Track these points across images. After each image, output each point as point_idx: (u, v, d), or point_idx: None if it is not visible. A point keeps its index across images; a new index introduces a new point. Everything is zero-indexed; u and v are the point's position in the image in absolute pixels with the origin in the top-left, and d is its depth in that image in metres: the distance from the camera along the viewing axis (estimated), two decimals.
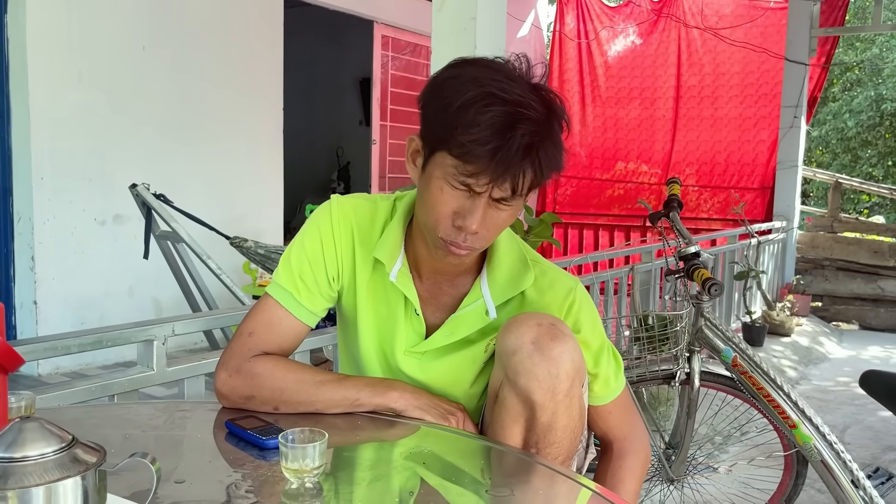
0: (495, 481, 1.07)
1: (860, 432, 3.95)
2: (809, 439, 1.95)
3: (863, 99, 13.84)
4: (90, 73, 4.26)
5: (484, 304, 1.19)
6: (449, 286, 1.23)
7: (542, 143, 1.06)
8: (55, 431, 0.74)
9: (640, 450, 1.30)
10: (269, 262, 3.54)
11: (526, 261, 1.22)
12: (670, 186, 2.27)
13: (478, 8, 2.53)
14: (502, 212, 1.10)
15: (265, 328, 1.20)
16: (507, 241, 1.23)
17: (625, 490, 1.25)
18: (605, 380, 1.25)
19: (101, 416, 1.23)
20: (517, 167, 1.04)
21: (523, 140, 1.03)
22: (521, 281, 1.20)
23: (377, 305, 1.23)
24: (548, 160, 1.07)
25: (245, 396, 1.17)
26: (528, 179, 1.06)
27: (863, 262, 6.99)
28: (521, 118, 1.04)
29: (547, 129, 1.07)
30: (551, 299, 1.21)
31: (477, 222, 1.07)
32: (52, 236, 4.11)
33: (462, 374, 1.24)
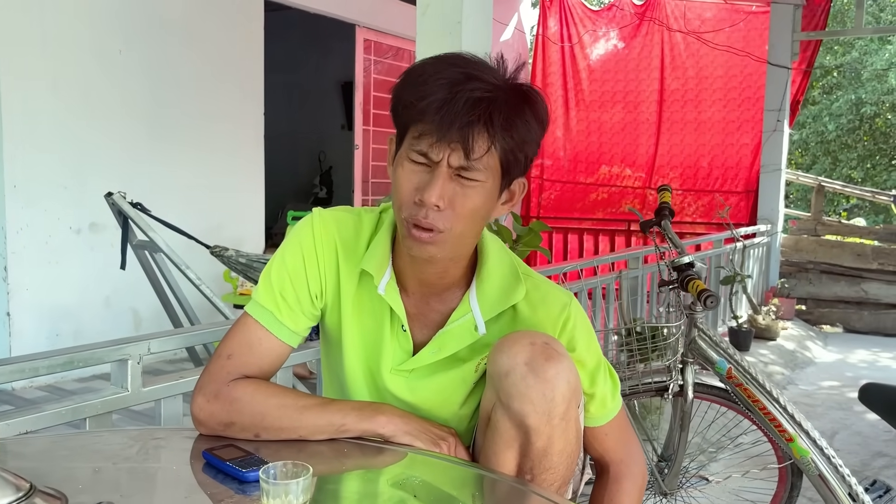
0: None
1: (848, 438, 3.93)
2: (807, 453, 1.91)
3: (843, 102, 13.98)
4: (64, 77, 4.15)
5: (473, 320, 1.14)
6: (437, 301, 1.17)
7: (496, 101, 1.02)
8: (10, 480, 0.67)
9: (637, 473, 1.26)
10: (250, 272, 3.45)
11: (517, 274, 1.17)
12: (662, 194, 2.23)
13: (463, 11, 2.48)
14: (467, 189, 1.04)
15: (245, 350, 1.14)
16: (496, 254, 1.18)
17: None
18: (602, 400, 1.20)
19: (70, 447, 1.15)
20: (464, 120, 1.00)
21: (473, 94, 1.00)
22: (511, 295, 1.15)
23: (363, 321, 1.18)
24: (504, 120, 1.02)
25: (224, 423, 1.10)
26: (481, 140, 1.01)
27: (846, 264, 7.02)
28: (474, 77, 1.02)
29: (505, 96, 1.03)
30: (545, 315, 1.15)
31: (436, 194, 1.02)
32: (26, 245, 4.00)
33: (452, 395, 1.19)
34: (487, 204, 1.08)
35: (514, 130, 1.04)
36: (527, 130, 1.06)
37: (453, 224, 1.05)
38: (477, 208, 1.06)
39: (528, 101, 1.07)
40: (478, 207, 1.06)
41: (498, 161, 1.05)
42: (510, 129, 1.03)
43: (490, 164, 1.05)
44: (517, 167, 1.09)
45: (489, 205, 1.09)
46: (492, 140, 1.03)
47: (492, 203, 1.09)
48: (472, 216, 1.06)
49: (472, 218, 1.07)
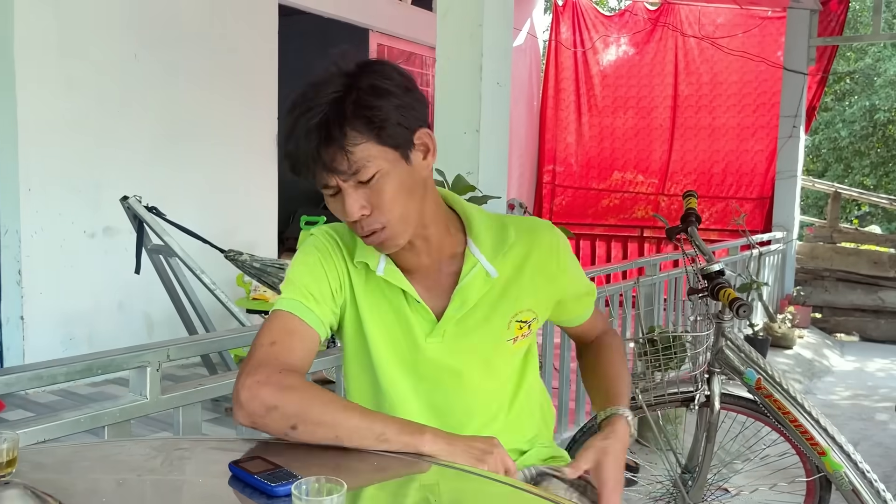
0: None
1: (870, 449, 3.86)
2: (840, 467, 1.86)
3: (856, 109, 13.88)
4: (80, 81, 4.14)
5: (482, 267, 1.20)
6: (443, 268, 1.23)
7: (326, 115, 1.06)
8: (39, 496, 0.63)
9: (614, 334, 1.47)
10: (264, 276, 3.43)
11: (500, 220, 1.26)
12: (687, 200, 2.18)
13: (485, 14, 2.45)
14: (373, 186, 1.09)
15: (286, 336, 1.15)
16: (477, 212, 1.26)
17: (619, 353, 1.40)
18: (588, 299, 1.39)
19: (91, 457, 1.11)
20: (312, 153, 1.06)
21: (305, 129, 1.06)
22: (504, 235, 1.23)
23: (381, 309, 1.22)
24: (340, 123, 1.06)
25: (267, 406, 1.07)
26: (335, 153, 1.06)
27: (863, 272, 6.94)
28: (303, 111, 1.07)
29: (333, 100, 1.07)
30: (542, 240, 1.26)
31: (353, 211, 1.09)
32: (40, 249, 3.99)
33: (491, 356, 1.24)
34: (402, 179, 1.11)
35: (366, 119, 1.06)
36: (381, 108, 1.07)
37: (386, 217, 1.11)
38: (395, 191, 1.10)
39: (362, 82, 1.08)
40: (395, 190, 1.10)
41: (376, 145, 1.07)
42: (361, 121, 1.06)
43: (370, 154, 1.07)
44: (398, 135, 1.09)
45: (405, 177, 1.11)
46: (343, 143, 1.06)
47: (406, 174, 1.11)
48: (396, 199, 1.10)
49: (398, 199, 1.11)
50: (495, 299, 1.22)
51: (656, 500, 2.44)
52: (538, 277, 1.24)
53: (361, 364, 1.26)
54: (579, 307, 1.38)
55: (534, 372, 1.34)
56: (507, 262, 1.23)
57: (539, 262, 1.24)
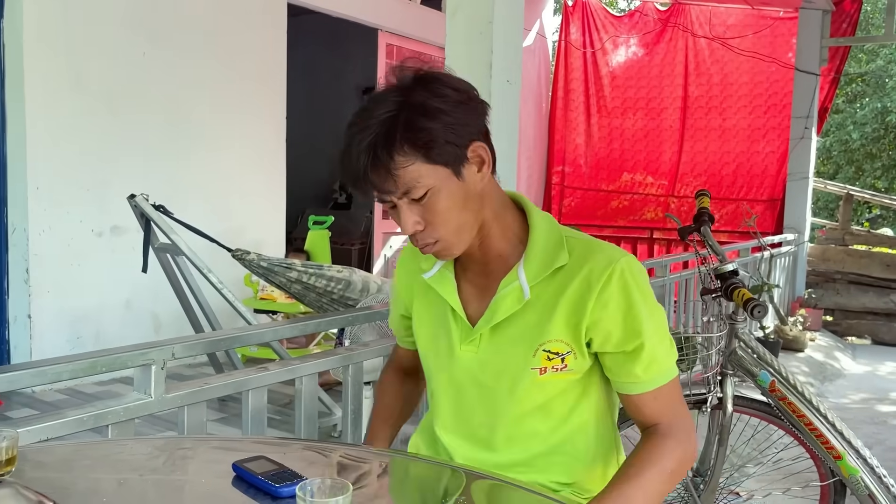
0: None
1: (883, 453, 3.80)
2: (856, 472, 1.82)
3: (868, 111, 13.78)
4: (88, 79, 4.14)
5: (519, 286, 1.18)
6: (490, 279, 1.23)
7: (375, 141, 1.07)
8: (32, 498, 0.61)
9: (683, 437, 1.16)
10: (272, 275, 3.41)
11: (562, 241, 1.20)
12: (700, 199, 2.15)
13: (494, 12, 2.42)
14: (425, 203, 1.10)
15: (394, 347, 1.51)
16: (544, 226, 1.21)
17: (654, 467, 1.11)
18: (650, 362, 1.14)
19: (93, 456, 1.10)
20: (364, 173, 1.08)
21: (356, 150, 1.08)
22: (554, 260, 1.18)
23: (430, 311, 1.29)
24: (388, 146, 1.06)
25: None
26: (384, 173, 1.07)
27: (875, 275, 6.87)
28: (354, 135, 1.09)
29: (382, 122, 1.07)
30: (591, 267, 1.15)
31: (408, 226, 1.12)
32: (48, 248, 3.98)
33: (516, 379, 1.19)
34: (455, 194, 1.11)
35: (412, 141, 1.06)
36: (427, 129, 1.07)
37: (439, 231, 1.13)
38: (447, 207, 1.11)
39: (411, 102, 1.08)
40: (448, 206, 1.11)
41: (425, 164, 1.08)
42: (407, 143, 1.06)
43: (420, 174, 1.08)
44: (448, 152, 1.09)
45: (458, 193, 1.12)
46: (390, 166, 1.07)
47: (459, 188, 1.11)
48: (448, 215, 1.12)
49: (450, 215, 1.12)
50: (526, 322, 1.18)
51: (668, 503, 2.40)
52: (573, 306, 1.15)
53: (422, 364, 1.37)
54: (623, 366, 1.16)
55: (597, 418, 1.23)
56: (547, 286, 1.17)
57: (579, 289, 1.15)
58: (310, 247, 5.03)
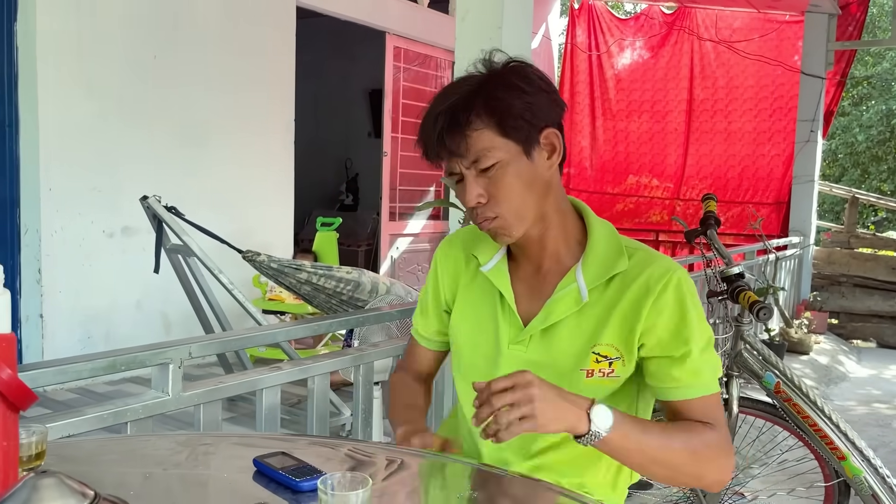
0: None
1: (887, 455, 3.83)
2: (860, 472, 1.85)
3: (873, 113, 13.78)
4: (100, 82, 4.19)
5: (577, 288, 1.19)
6: (545, 280, 1.24)
7: (458, 101, 1.13)
8: (75, 488, 0.65)
9: (724, 444, 1.13)
10: (281, 277, 3.44)
11: (621, 248, 1.21)
12: (707, 203, 2.18)
13: (504, 17, 2.45)
14: (492, 176, 1.13)
15: (410, 349, 1.48)
16: (604, 232, 1.23)
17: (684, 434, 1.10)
18: (695, 370, 1.14)
19: (117, 451, 1.13)
20: (440, 135, 1.12)
21: (435, 114, 1.14)
22: (614, 265, 1.19)
23: (475, 309, 1.29)
24: (467, 109, 1.11)
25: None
26: (457, 135, 1.11)
27: (880, 278, 6.88)
28: (436, 103, 1.15)
29: (469, 91, 1.13)
30: (650, 274, 1.17)
31: (471, 198, 1.14)
32: (60, 248, 4.02)
33: (562, 380, 1.14)
34: (522, 173, 1.14)
35: (488, 109, 1.11)
36: (505, 101, 1.12)
37: (501, 207, 1.15)
38: (513, 184, 1.14)
39: (495, 77, 1.14)
40: (513, 183, 1.14)
41: (497, 136, 1.12)
42: (483, 109, 1.11)
43: (491, 144, 1.12)
44: (522, 130, 1.12)
45: (525, 172, 1.14)
46: (464, 129, 1.11)
47: (527, 168, 1.14)
48: (512, 192, 1.14)
49: (515, 192, 1.14)
50: (581, 324, 1.19)
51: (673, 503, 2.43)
52: (628, 311, 1.16)
53: (457, 366, 1.35)
54: (668, 370, 1.15)
55: None
56: (606, 290, 1.18)
57: (636, 295, 1.16)
58: (318, 248, 5.06)
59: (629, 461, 1.10)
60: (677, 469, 1.10)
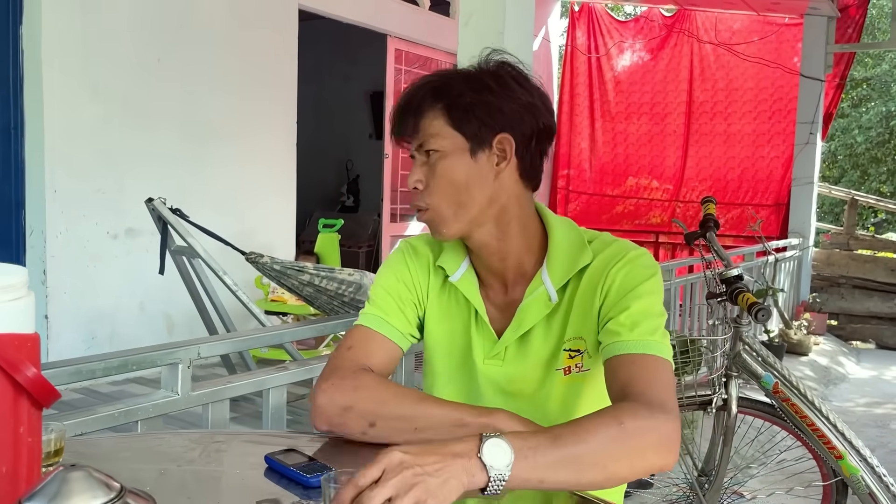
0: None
1: (886, 456, 3.86)
2: (857, 471, 1.88)
3: (872, 115, 13.82)
4: (105, 85, 4.22)
5: (545, 290, 1.16)
6: (513, 290, 1.20)
7: (421, 85, 1.14)
8: (102, 480, 0.68)
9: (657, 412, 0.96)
10: (284, 278, 3.47)
11: (583, 243, 1.18)
12: (706, 206, 2.21)
13: (506, 23, 2.49)
14: (434, 164, 1.12)
15: (363, 341, 1.19)
16: (563, 230, 1.19)
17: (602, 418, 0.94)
18: (634, 323, 1.06)
19: (132, 448, 1.16)
20: (398, 110, 1.14)
21: (408, 90, 1.15)
22: (578, 261, 1.16)
23: (448, 322, 1.22)
24: (426, 92, 1.13)
25: (343, 407, 1.08)
26: (410, 115, 1.13)
27: (879, 279, 6.91)
28: (411, 86, 1.15)
29: (441, 79, 1.14)
30: (607, 254, 1.14)
31: (411, 180, 1.14)
32: (65, 250, 4.06)
33: (541, 384, 1.17)
34: (461, 169, 1.12)
35: (439, 94, 1.12)
36: (457, 93, 1.11)
37: (434, 197, 1.13)
38: (449, 177, 1.12)
39: (469, 72, 1.14)
40: (449, 176, 1.12)
41: (446, 125, 1.11)
42: (432, 94, 1.12)
43: (438, 130, 1.11)
44: (471, 125, 1.11)
45: (465, 170, 1.12)
46: (418, 109, 1.12)
47: (468, 167, 1.12)
48: (447, 185, 1.12)
49: (445, 186, 1.12)
50: (552, 325, 1.17)
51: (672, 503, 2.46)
52: (588, 295, 1.13)
53: (428, 380, 1.27)
54: (609, 328, 1.08)
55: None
56: (572, 287, 1.16)
57: (595, 277, 1.13)
58: (319, 249, 5.09)
59: (558, 483, 0.89)
60: (615, 469, 0.92)
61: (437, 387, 1.24)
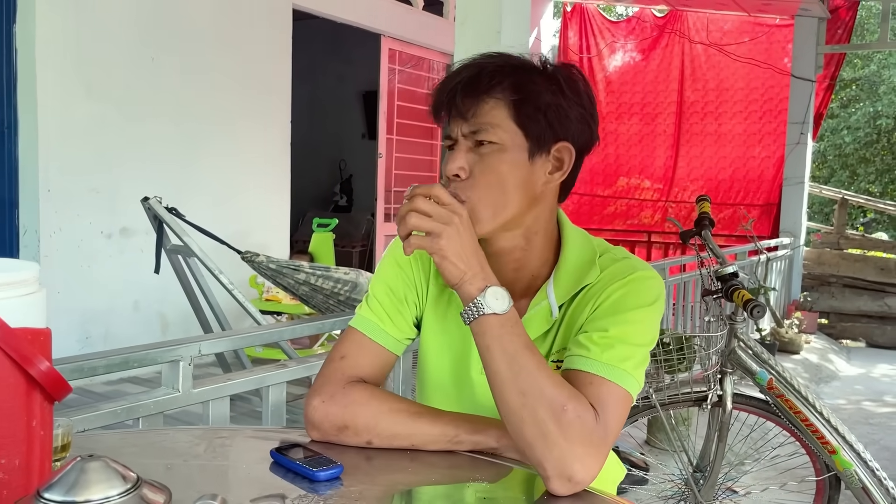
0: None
1: (877, 452, 3.88)
2: (850, 465, 1.90)
3: (861, 115, 13.92)
4: (99, 84, 4.21)
5: (548, 305, 1.11)
6: (521, 300, 1.14)
7: (493, 66, 1.04)
8: (119, 470, 0.69)
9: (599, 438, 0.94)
10: (280, 277, 3.48)
11: (594, 259, 1.12)
12: (700, 204, 2.23)
13: (503, 21, 2.50)
14: (485, 156, 1.04)
15: (356, 350, 1.14)
16: (577, 243, 1.14)
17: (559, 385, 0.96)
18: (608, 346, 1.01)
19: (137, 444, 1.17)
20: (457, 85, 1.04)
21: (463, 64, 1.05)
22: (584, 278, 1.11)
23: (444, 329, 1.17)
24: (498, 78, 1.03)
25: (338, 426, 1.08)
26: (472, 94, 1.03)
27: (869, 278, 6.97)
28: (478, 57, 1.06)
29: (510, 64, 1.05)
30: (611, 271, 1.10)
31: (454, 166, 1.04)
32: (58, 249, 4.05)
33: None
34: (514, 167, 1.04)
35: (516, 86, 1.03)
36: (534, 89, 1.04)
37: (477, 191, 1.04)
38: (499, 172, 1.04)
39: (541, 70, 1.06)
40: (500, 171, 1.04)
41: (509, 118, 1.03)
42: (510, 84, 1.03)
43: (500, 122, 1.03)
44: (538, 126, 1.04)
45: (518, 168, 1.05)
46: (482, 92, 1.03)
47: (522, 167, 1.05)
48: (493, 180, 1.04)
49: (496, 182, 1.04)
50: (547, 337, 1.13)
51: (667, 499, 2.48)
52: (582, 309, 1.08)
53: (422, 381, 1.24)
54: (580, 340, 1.04)
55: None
56: (574, 305, 1.11)
57: (592, 294, 1.08)
58: (314, 249, 5.10)
59: (493, 366, 0.97)
60: (535, 415, 0.94)
61: (431, 394, 1.21)
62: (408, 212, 0.95)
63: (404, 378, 2.18)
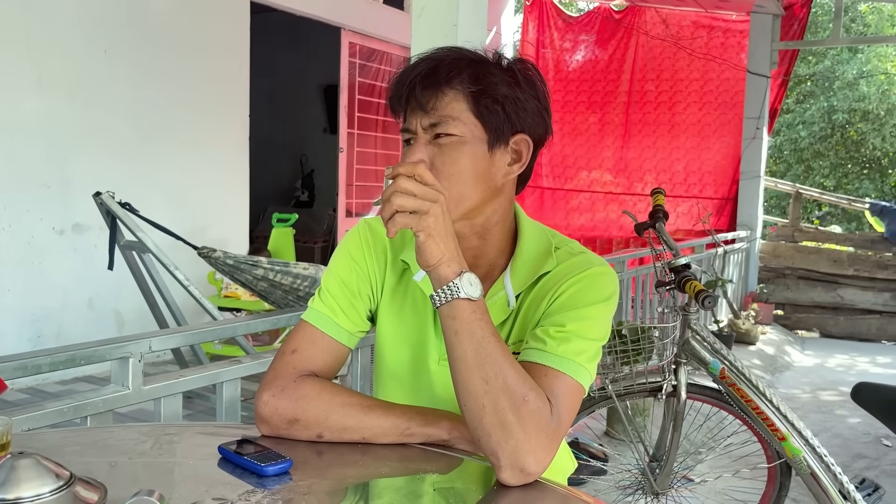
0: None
1: (829, 440, 3.99)
2: (799, 451, 1.94)
3: (815, 111, 14.21)
4: (49, 76, 4.11)
5: (505, 295, 1.12)
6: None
7: (451, 58, 1.05)
8: (51, 468, 0.67)
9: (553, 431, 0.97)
10: (238, 273, 3.44)
11: (550, 250, 1.14)
12: (655, 197, 2.26)
13: (459, 14, 2.50)
14: (445, 149, 1.05)
15: (308, 344, 1.14)
16: (532, 235, 1.16)
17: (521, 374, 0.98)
18: (564, 340, 1.04)
19: (81, 442, 1.14)
20: (415, 78, 1.04)
21: (422, 58, 1.06)
22: (541, 267, 1.13)
23: (402, 318, 1.17)
24: (457, 70, 1.05)
25: (288, 420, 1.08)
26: (432, 89, 1.04)
27: (823, 270, 7.13)
28: (435, 51, 1.07)
29: (469, 58, 1.06)
30: (569, 264, 1.11)
31: (416, 157, 1.04)
32: (8, 246, 3.95)
33: None
34: (474, 160, 1.06)
35: (474, 78, 1.05)
36: (492, 80, 1.05)
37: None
38: (459, 164, 1.05)
39: (497, 64, 1.08)
40: (460, 163, 1.05)
41: (468, 110, 1.05)
42: (468, 76, 1.05)
43: (459, 114, 1.05)
44: (496, 118, 1.06)
45: (478, 162, 1.06)
46: (442, 84, 1.04)
47: (482, 160, 1.06)
48: (454, 172, 1.05)
49: (457, 174, 1.05)
50: (504, 328, 1.14)
51: (625, 488, 2.51)
52: (538, 301, 1.10)
53: (379, 371, 1.23)
54: (537, 333, 1.06)
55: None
56: (531, 295, 1.12)
57: (548, 286, 1.10)
58: (274, 245, 5.05)
59: (458, 352, 0.98)
60: (496, 404, 0.95)
61: (388, 386, 1.21)
62: (392, 192, 0.94)
63: (362, 373, 2.17)
